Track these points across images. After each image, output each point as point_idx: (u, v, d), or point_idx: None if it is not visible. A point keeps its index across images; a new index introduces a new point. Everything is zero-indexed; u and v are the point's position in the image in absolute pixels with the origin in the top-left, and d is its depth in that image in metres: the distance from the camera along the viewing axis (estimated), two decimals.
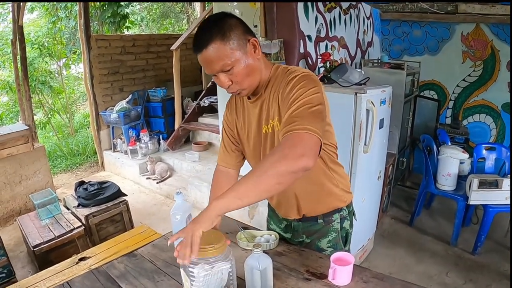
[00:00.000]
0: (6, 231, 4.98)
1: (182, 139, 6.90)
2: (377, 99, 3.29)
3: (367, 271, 1.67)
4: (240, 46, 1.52)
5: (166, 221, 4.95)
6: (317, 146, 1.37)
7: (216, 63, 1.51)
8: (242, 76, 1.56)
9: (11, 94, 8.73)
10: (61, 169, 7.46)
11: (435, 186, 4.34)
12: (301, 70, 1.59)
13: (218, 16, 1.54)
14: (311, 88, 1.50)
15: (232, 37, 1.50)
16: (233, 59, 1.51)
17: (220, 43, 1.48)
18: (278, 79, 1.64)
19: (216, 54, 1.49)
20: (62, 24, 9.23)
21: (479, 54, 5.37)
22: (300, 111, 1.43)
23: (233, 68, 1.53)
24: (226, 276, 1.42)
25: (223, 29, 1.48)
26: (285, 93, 1.54)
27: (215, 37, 1.47)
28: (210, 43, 1.47)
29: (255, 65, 1.60)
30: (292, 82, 1.53)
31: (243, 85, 1.60)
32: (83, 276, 1.83)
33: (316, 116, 1.44)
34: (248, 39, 1.56)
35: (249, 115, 1.80)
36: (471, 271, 3.77)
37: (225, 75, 1.56)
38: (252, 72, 1.59)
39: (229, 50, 1.49)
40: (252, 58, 1.57)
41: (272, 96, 1.65)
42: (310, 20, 3.99)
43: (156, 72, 8.02)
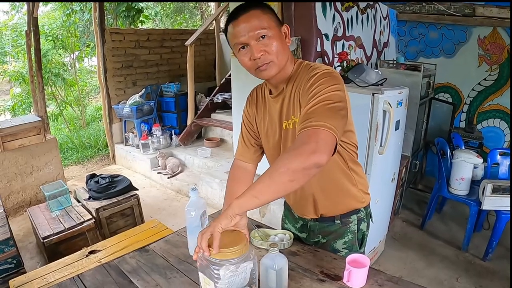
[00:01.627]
0: (15, 221, 5.01)
1: (194, 134, 6.90)
2: (394, 100, 3.26)
3: (381, 274, 1.65)
4: (276, 23, 1.57)
5: (176, 216, 4.96)
6: (332, 143, 1.32)
7: (254, 26, 1.51)
8: (274, 46, 1.55)
9: (24, 85, 8.76)
10: (72, 162, 7.49)
11: (447, 190, 4.30)
12: (323, 66, 1.57)
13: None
14: (332, 85, 1.45)
15: (271, 13, 1.56)
16: (270, 27, 1.53)
17: (260, 11, 1.53)
18: (301, 75, 1.61)
19: (256, 18, 1.51)
20: (77, 17, 9.25)
21: (496, 58, 5.31)
22: (318, 107, 1.39)
23: (267, 36, 1.53)
24: (249, 275, 1.40)
25: (262, 4, 1.55)
26: (305, 89, 1.51)
27: (255, 7, 1.53)
28: (251, 9, 1.52)
29: (286, 48, 1.61)
30: (313, 78, 1.50)
31: (275, 57, 1.56)
32: (94, 270, 1.82)
33: (335, 113, 1.39)
34: (282, 25, 1.61)
35: (270, 110, 1.78)
36: (481, 277, 3.73)
37: (257, 44, 1.53)
38: (283, 51, 1.58)
39: (267, 19, 1.53)
40: (283, 40, 1.59)
41: (294, 91, 1.63)
42: (328, 19, 3.96)
43: (169, 67, 8.02)
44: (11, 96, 9.63)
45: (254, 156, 1.97)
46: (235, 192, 1.82)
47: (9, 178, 5.22)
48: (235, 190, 1.83)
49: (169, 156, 6.39)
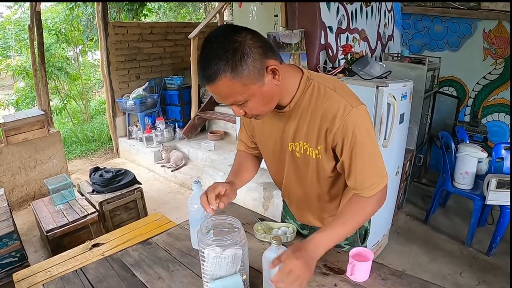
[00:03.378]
0: (19, 215, 5.02)
1: (198, 128, 6.89)
2: (398, 94, 3.24)
3: (385, 267, 1.64)
4: (255, 78, 1.32)
5: (180, 209, 4.96)
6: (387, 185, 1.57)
7: (227, 98, 1.36)
8: (257, 108, 1.42)
9: (27, 79, 8.76)
10: (76, 155, 7.50)
11: (452, 184, 4.28)
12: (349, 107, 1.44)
13: (228, 36, 1.29)
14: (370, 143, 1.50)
15: (245, 70, 1.28)
16: (247, 94, 1.34)
17: (230, 78, 1.27)
18: (318, 104, 1.49)
19: (226, 90, 1.32)
20: (80, 11, 9.24)
21: (501, 51, 5.26)
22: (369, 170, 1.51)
23: (247, 101, 1.38)
24: (239, 262, 1.41)
25: (233, 59, 1.25)
26: (346, 149, 1.48)
27: (223, 71, 1.26)
28: (218, 78, 1.27)
29: (274, 92, 1.41)
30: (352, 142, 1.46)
31: (260, 113, 1.46)
32: (97, 263, 1.81)
33: (379, 165, 1.53)
34: (266, 67, 1.33)
35: (271, 121, 1.67)
36: (485, 272, 3.72)
37: (237, 106, 1.42)
38: (270, 101, 1.43)
39: (241, 86, 1.30)
40: (270, 86, 1.38)
41: (304, 116, 1.53)
42: (332, 11, 3.94)
43: (173, 60, 8.02)
44: (14, 90, 9.65)
45: (253, 149, 1.95)
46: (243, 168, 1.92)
47: (13, 172, 5.23)
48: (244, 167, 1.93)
49: (172, 149, 6.39)
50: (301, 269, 1.31)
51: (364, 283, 1.54)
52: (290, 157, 1.67)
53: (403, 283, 1.53)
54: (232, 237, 1.40)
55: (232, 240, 1.39)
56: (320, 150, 1.54)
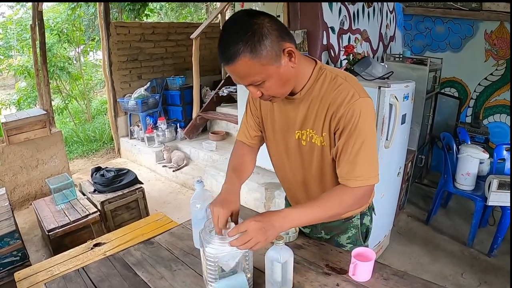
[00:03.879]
0: (21, 214, 5.03)
1: (199, 128, 6.89)
2: (400, 94, 3.24)
3: (387, 268, 1.64)
4: (273, 59, 1.36)
5: (181, 209, 4.97)
6: (373, 186, 1.58)
7: (246, 78, 1.40)
8: (274, 89, 1.45)
9: (29, 79, 8.78)
10: (77, 155, 7.51)
11: (453, 185, 4.28)
12: (356, 95, 1.47)
13: (247, 19, 1.34)
14: (369, 136, 1.50)
15: (264, 50, 1.32)
16: (264, 75, 1.38)
17: (249, 58, 1.31)
18: (328, 92, 1.52)
19: (245, 70, 1.36)
20: (82, 11, 9.26)
21: (503, 53, 5.26)
22: (360, 160, 1.49)
23: (264, 82, 1.41)
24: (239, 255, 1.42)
25: (253, 40, 1.30)
26: (344, 135, 1.49)
27: (243, 51, 1.30)
28: (237, 58, 1.31)
29: (290, 74, 1.45)
30: (352, 130, 1.47)
31: (275, 95, 1.49)
32: (99, 262, 1.82)
33: (373, 159, 1.53)
34: (283, 49, 1.38)
35: (280, 108, 1.70)
36: (486, 273, 3.72)
37: (254, 87, 1.45)
38: (286, 83, 1.46)
39: (260, 66, 1.34)
40: (286, 68, 1.42)
41: (314, 103, 1.56)
42: (334, 12, 3.95)
43: (175, 60, 8.02)
44: (16, 90, 9.67)
45: (254, 140, 1.93)
46: (243, 168, 1.86)
47: (15, 172, 5.23)
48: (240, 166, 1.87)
49: (174, 150, 6.39)
50: (256, 232, 1.33)
51: (366, 283, 1.54)
52: (295, 145, 1.69)
53: (405, 283, 1.53)
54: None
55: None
56: (325, 137, 1.56)
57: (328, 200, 1.49)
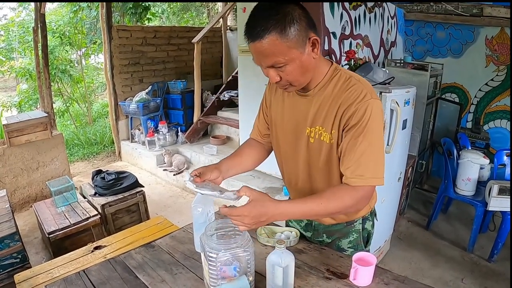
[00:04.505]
0: (21, 216, 5.03)
1: (200, 132, 6.89)
2: (401, 100, 3.25)
3: (388, 272, 1.64)
4: (298, 44, 1.39)
5: (182, 213, 4.96)
6: (374, 188, 1.59)
7: (269, 58, 1.40)
8: (294, 75, 1.46)
9: (30, 81, 8.80)
10: (78, 158, 7.51)
11: (454, 191, 4.28)
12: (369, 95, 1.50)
13: (279, 4, 1.37)
14: (376, 137, 1.51)
15: (292, 33, 1.35)
16: (288, 57, 1.39)
17: (277, 37, 1.34)
18: (341, 91, 1.54)
19: (271, 49, 1.37)
20: (84, 14, 9.27)
21: (503, 58, 5.28)
22: (365, 158, 1.49)
23: (286, 65, 1.42)
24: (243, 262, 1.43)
25: (283, 21, 1.33)
26: (351, 132, 1.50)
27: (273, 29, 1.33)
28: (266, 36, 1.34)
29: (311, 64, 1.48)
30: (361, 129, 1.48)
31: (293, 82, 1.50)
32: (100, 265, 1.82)
33: (379, 161, 1.53)
34: (309, 37, 1.41)
35: (292, 104, 1.71)
36: (487, 278, 3.72)
37: (275, 70, 1.45)
38: (305, 72, 1.48)
39: (286, 47, 1.36)
40: (308, 57, 1.44)
41: (325, 101, 1.58)
42: (336, 17, 3.95)
43: (176, 64, 8.03)
44: (17, 92, 9.68)
45: (266, 138, 1.97)
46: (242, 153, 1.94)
47: (15, 174, 5.23)
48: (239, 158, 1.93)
49: (175, 153, 6.39)
50: (249, 219, 1.39)
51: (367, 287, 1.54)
52: (304, 143, 1.69)
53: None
54: (237, 240, 1.41)
55: (237, 243, 1.40)
56: (333, 134, 1.57)
57: (328, 199, 1.49)
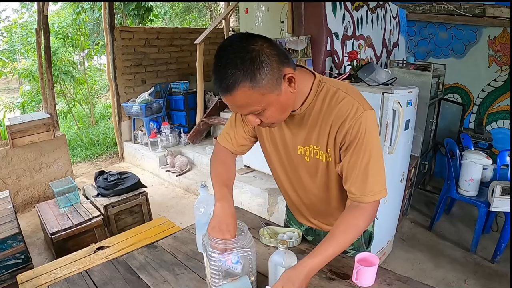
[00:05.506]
0: (24, 217, 5.04)
1: (203, 133, 6.90)
2: (403, 100, 3.24)
3: (390, 273, 1.64)
4: (272, 87, 1.30)
5: (184, 214, 4.96)
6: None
7: (244, 108, 1.35)
8: (274, 116, 1.40)
9: (33, 83, 8.82)
10: (81, 159, 7.52)
11: (456, 191, 4.27)
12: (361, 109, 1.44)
13: (244, 45, 1.26)
14: (375, 149, 1.48)
15: (264, 79, 1.26)
16: (264, 104, 1.33)
17: (248, 88, 1.25)
18: (330, 108, 1.47)
19: (244, 100, 1.29)
20: (86, 15, 9.30)
21: (506, 59, 5.27)
22: (370, 175, 1.47)
23: (264, 111, 1.36)
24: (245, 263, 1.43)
25: (252, 69, 1.23)
26: (351, 150, 1.46)
27: (242, 80, 1.24)
28: (236, 88, 1.25)
29: (290, 100, 1.41)
30: (359, 145, 1.44)
31: (275, 121, 1.45)
32: (103, 265, 1.82)
33: (380, 174, 1.51)
34: (283, 75, 1.32)
35: (279, 125, 1.63)
36: (490, 279, 3.70)
37: (254, 116, 1.40)
38: (285, 109, 1.42)
39: (260, 95, 1.28)
40: (286, 94, 1.36)
41: (315, 119, 1.52)
42: (338, 18, 3.95)
43: (179, 66, 8.05)
44: (20, 93, 9.72)
45: (240, 148, 1.88)
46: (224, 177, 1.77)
47: (18, 174, 5.24)
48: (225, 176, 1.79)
49: (177, 154, 6.40)
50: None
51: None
52: (299, 160, 1.65)
53: None
54: (239, 240, 1.40)
55: (239, 243, 1.40)
56: (330, 152, 1.53)
57: (345, 231, 1.47)
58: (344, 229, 1.46)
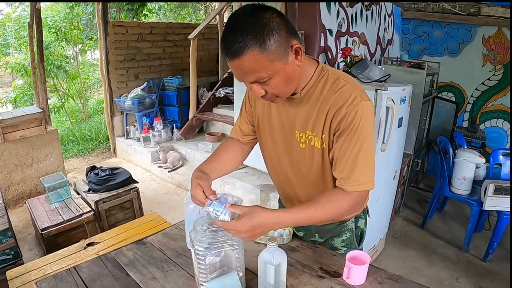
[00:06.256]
0: (15, 213, 5.01)
1: (195, 129, 6.88)
2: (397, 97, 3.23)
3: (381, 271, 1.63)
4: (280, 55, 1.31)
5: (176, 210, 4.95)
6: (368, 192, 1.58)
7: (251, 74, 1.34)
8: (279, 87, 1.40)
9: (26, 77, 8.76)
10: (73, 154, 7.49)
11: (449, 190, 4.28)
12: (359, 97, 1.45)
13: (256, 13, 1.29)
14: (368, 140, 1.48)
15: (272, 45, 1.28)
16: (271, 71, 1.33)
17: (257, 52, 1.26)
18: (329, 94, 1.49)
19: (252, 65, 1.30)
20: (80, 10, 9.25)
21: (500, 58, 5.27)
22: (359, 164, 1.47)
23: (270, 79, 1.36)
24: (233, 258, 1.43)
25: (262, 34, 1.25)
26: (343, 137, 1.47)
27: (251, 44, 1.25)
28: (245, 52, 1.26)
29: (296, 73, 1.41)
30: (353, 132, 1.45)
31: (279, 94, 1.44)
32: (91, 261, 1.80)
33: (370, 164, 1.51)
34: (291, 45, 1.34)
35: (278, 107, 1.65)
36: (482, 277, 3.72)
37: (259, 85, 1.39)
38: (290, 81, 1.42)
39: (268, 61, 1.29)
40: (292, 66, 1.37)
41: (314, 105, 1.53)
42: (332, 14, 3.93)
43: (172, 61, 8.01)
44: (13, 87, 9.66)
45: (246, 138, 1.91)
46: (222, 158, 1.84)
47: (9, 169, 5.21)
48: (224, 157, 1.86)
49: (170, 150, 6.38)
50: (245, 232, 1.33)
51: (361, 286, 1.52)
52: (294, 146, 1.65)
53: (400, 287, 1.52)
54: (226, 234, 1.39)
55: (226, 236, 1.38)
56: (324, 138, 1.53)
57: (324, 205, 1.46)
58: (325, 202, 1.48)
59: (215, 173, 1.74)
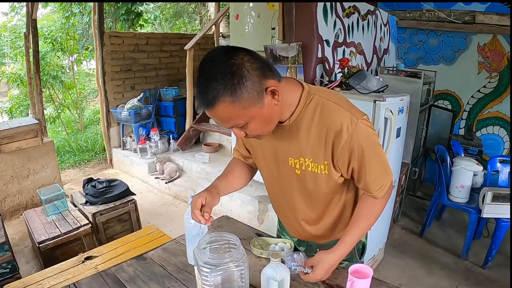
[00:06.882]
0: (11, 225, 4.97)
1: (192, 139, 6.87)
2: (395, 108, 3.23)
3: (384, 284, 1.64)
4: (254, 101, 1.30)
5: (174, 222, 4.93)
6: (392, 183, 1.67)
7: (227, 122, 1.35)
8: (258, 129, 1.41)
9: (22, 87, 8.73)
10: (69, 165, 7.45)
11: (447, 198, 4.28)
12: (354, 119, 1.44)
13: (224, 60, 1.26)
14: (377, 149, 1.54)
15: (244, 93, 1.26)
16: (247, 117, 1.33)
17: (229, 102, 1.26)
18: (323, 120, 1.47)
19: (225, 115, 1.31)
20: (76, 20, 9.24)
21: (495, 65, 5.30)
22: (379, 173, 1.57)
23: (247, 124, 1.36)
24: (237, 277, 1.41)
25: (232, 83, 1.24)
26: (356, 156, 1.49)
27: (222, 95, 1.24)
28: (217, 103, 1.26)
29: (274, 112, 1.40)
30: (363, 154, 1.48)
31: (261, 134, 1.46)
32: (91, 278, 1.78)
33: (385, 164, 1.59)
34: (265, 88, 1.32)
35: (269, 137, 1.60)
36: (481, 285, 3.72)
37: (238, 128, 1.40)
38: (269, 122, 1.42)
39: (241, 109, 1.29)
40: (269, 107, 1.36)
41: (306, 131, 1.51)
42: (329, 25, 3.94)
43: (168, 71, 8.02)
44: (8, 98, 9.63)
45: (248, 161, 1.93)
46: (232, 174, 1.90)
47: (6, 181, 5.18)
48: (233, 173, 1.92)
49: (167, 161, 6.36)
50: (323, 277, 1.58)
51: None
52: (289, 172, 1.64)
53: None
54: (232, 255, 1.38)
55: (231, 258, 1.37)
56: (327, 165, 1.53)
57: (367, 217, 1.63)
58: (367, 216, 1.63)
59: (227, 190, 1.84)
